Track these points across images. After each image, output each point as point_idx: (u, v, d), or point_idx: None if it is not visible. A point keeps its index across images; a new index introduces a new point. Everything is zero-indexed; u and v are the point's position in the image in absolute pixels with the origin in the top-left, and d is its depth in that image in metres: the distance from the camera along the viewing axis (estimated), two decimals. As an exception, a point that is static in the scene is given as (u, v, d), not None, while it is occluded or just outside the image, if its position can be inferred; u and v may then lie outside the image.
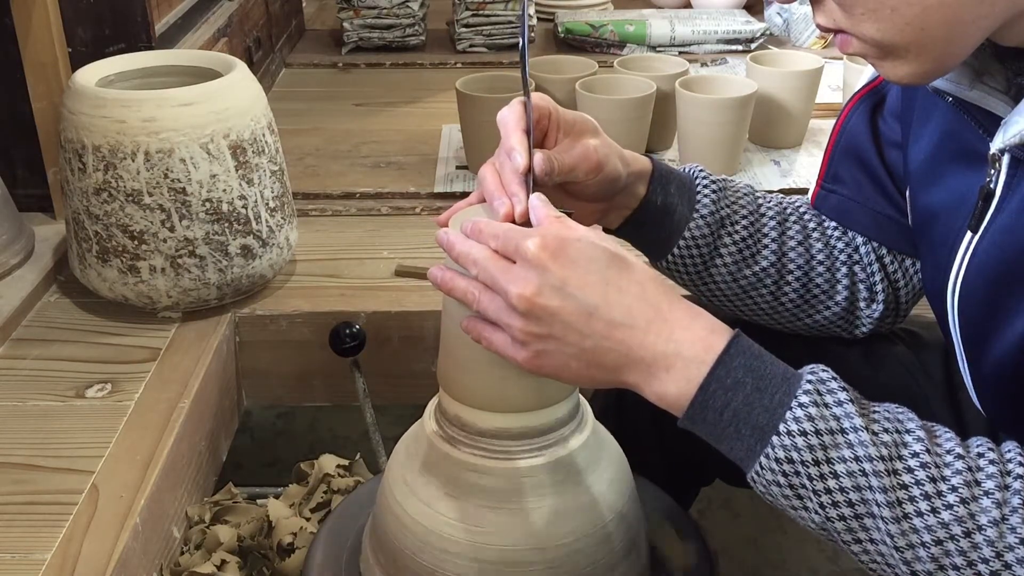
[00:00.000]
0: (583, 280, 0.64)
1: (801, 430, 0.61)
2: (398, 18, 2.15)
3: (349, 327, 1.17)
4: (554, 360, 0.65)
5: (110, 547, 0.85)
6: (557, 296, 0.63)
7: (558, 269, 0.63)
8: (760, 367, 0.63)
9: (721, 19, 2.17)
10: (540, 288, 0.63)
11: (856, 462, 0.60)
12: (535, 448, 0.75)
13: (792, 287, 0.89)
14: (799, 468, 0.61)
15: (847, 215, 0.90)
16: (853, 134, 0.89)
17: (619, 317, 0.64)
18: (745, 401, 0.62)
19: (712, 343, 0.64)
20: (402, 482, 0.78)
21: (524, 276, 0.64)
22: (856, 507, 0.61)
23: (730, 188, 0.89)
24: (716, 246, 0.86)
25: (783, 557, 1.50)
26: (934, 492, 0.59)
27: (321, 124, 1.79)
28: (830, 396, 0.62)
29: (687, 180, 0.87)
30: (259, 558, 1.01)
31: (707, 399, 0.63)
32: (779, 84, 1.58)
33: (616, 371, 0.65)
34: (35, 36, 1.26)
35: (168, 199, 1.08)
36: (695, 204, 0.86)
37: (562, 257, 0.64)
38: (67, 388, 1.06)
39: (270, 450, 1.69)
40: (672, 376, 0.64)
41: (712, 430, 0.64)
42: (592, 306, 0.64)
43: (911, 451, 0.61)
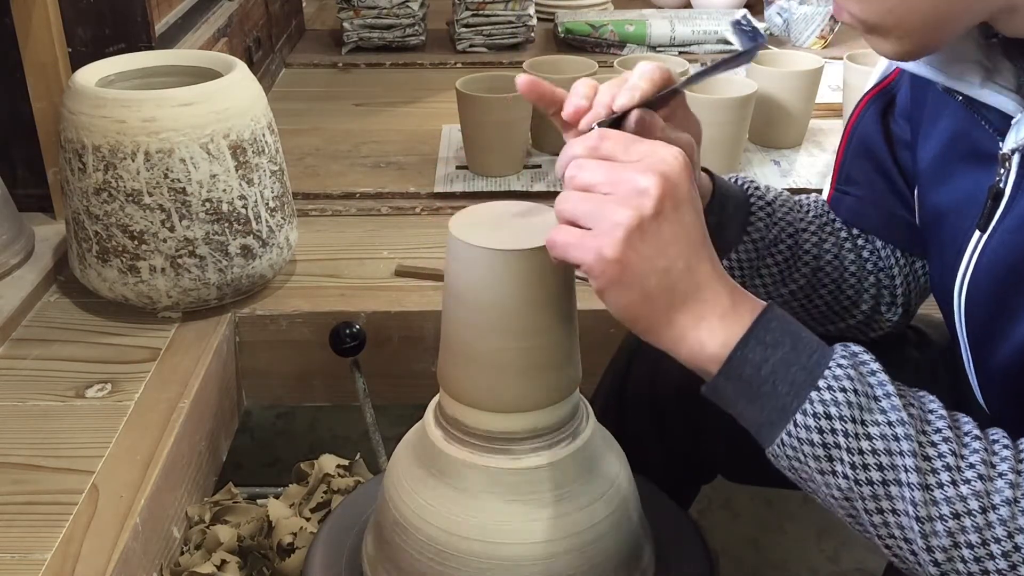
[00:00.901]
0: (697, 207, 0.64)
1: (841, 387, 0.61)
2: (398, 18, 2.15)
3: (349, 327, 1.17)
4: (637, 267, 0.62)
5: (110, 547, 0.85)
6: (683, 205, 0.62)
7: (690, 184, 0.63)
8: (797, 331, 0.64)
9: (721, 19, 2.17)
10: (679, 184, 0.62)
11: (889, 426, 0.61)
12: (536, 448, 0.75)
13: (823, 299, 0.90)
14: (836, 424, 0.61)
15: (861, 217, 0.90)
16: (864, 135, 0.89)
17: (707, 256, 0.64)
18: (784, 358, 0.63)
19: (756, 304, 0.65)
20: (403, 482, 0.78)
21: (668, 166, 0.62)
22: (886, 472, 0.61)
23: (778, 205, 0.88)
24: (757, 267, 0.88)
25: (783, 557, 1.50)
26: (955, 466, 0.60)
27: (321, 124, 1.79)
28: (864, 367, 0.63)
29: (742, 199, 0.86)
30: (259, 558, 1.01)
31: (747, 354, 0.63)
32: (779, 84, 1.58)
33: (679, 304, 0.63)
34: (35, 36, 1.26)
35: (168, 199, 1.08)
36: (747, 227, 0.86)
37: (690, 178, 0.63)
38: (67, 388, 1.06)
39: (270, 450, 1.69)
40: (721, 326, 0.63)
41: (746, 387, 0.63)
42: (699, 230, 0.64)
43: (935, 427, 0.62)
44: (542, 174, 1.53)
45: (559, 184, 0.67)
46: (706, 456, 0.99)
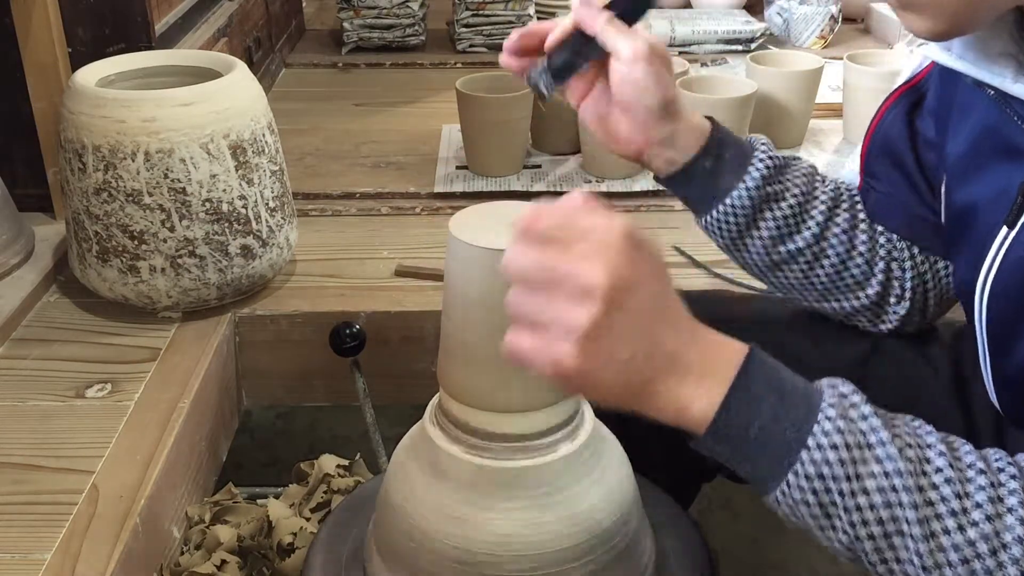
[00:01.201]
0: (655, 281, 0.59)
1: (832, 444, 0.59)
2: (398, 18, 2.15)
3: (349, 327, 1.17)
4: (601, 365, 0.58)
5: (110, 547, 0.85)
6: (632, 292, 0.57)
7: (636, 264, 0.58)
8: (780, 382, 0.61)
9: (721, 19, 2.17)
10: (621, 278, 0.57)
11: (886, 478, 0.58)
12: (536, 448, 0.75)
13: (825, 271, 0.89)
14: (830, 484, 0.59)
15: (882, 212, 0.90)
16: (889, 132, 0.89)
17: (671, 326, 0.60)
18: (771, 415, 0.60)
19: (734, 358, 0.61)
20: (403, 482, 0.78)
21: (609, 259, 0.57)
22: (886, 525, 0.59)
23: (789, 167, 0.89)
24: (755, 219, 0.87)
25: (783, 557, 1.50)
26: (960, 509, 0.58)
27: (321, 124, 1.79)
28: (854, 410, 0.60)
29: (746, 150, 0.87)
30: (259, 558, 1.01)
31: (731, 416, 0.60)
32: (779, 84, 1.58)
33: (651, 383, 0.60)
34: (35, 36, 1.26)
35: (168, 199, 1.08)
36: (743, 175, 0.86)
37: (640, 252, 0.58)
38: (67, 388, 1.05)
39: (270, 450, 1.69)
40: (701, 390, 0.60)
41: (736, 448, 0.61)
42: (657, 309, 0.59)
43: (935, 466, 0.59)
44: (542, 174, 1.53)
45: (559, 184, 0.67)
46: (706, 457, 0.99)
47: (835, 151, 1.64)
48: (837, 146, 1.66)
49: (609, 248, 0.57)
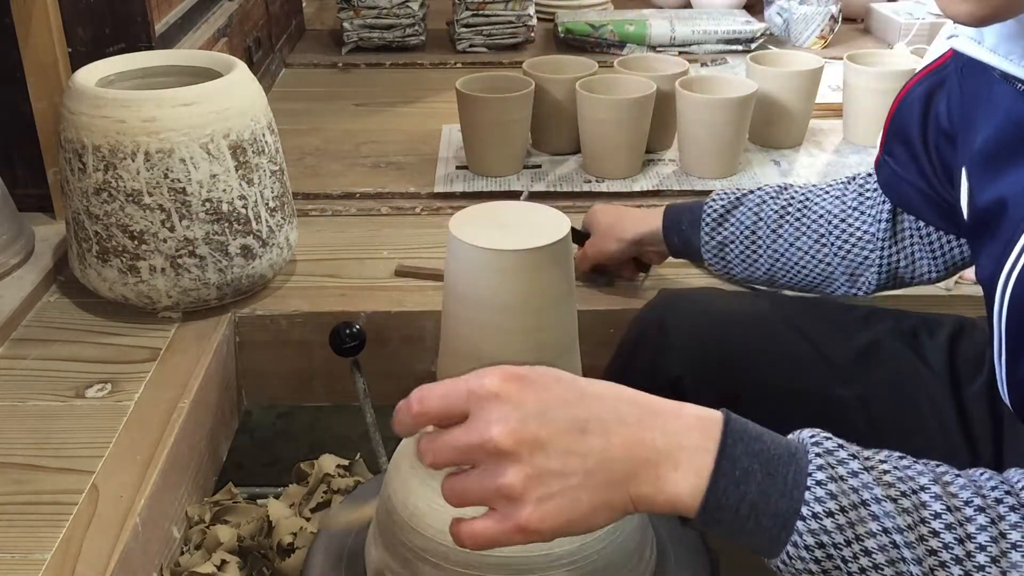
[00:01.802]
0: (560, 396, 0.58)
1: (827, 510, 0.57)
2: (398, 18, 2.14)
3: (349, 327, 1.16)
4: (561, 500, 0.57)
5: (110, 547, 0.85)
6: (542, 422, 0.57)
7: (530, 393, 0.57)
8: (763, 449, 0.59)
9: (721, 19, 2.17)
10: (522, 419, 0.56)
11: (886, 534, 0.57)
12: (535, 448, 0.75)
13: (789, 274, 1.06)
14: (831, 552, 0.58)
15: (892, 189, 0.96)
16: (906, 114, 0.91)
17: (611, 420, 0.58)
18: (759, 490, 0.58)
19: (708, 428, 0.59)
20: (404, 482, 0.78)
21: (496, 414, 0.56)
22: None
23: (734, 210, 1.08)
24: (727, 260, 1.09)
25: (783, 557, 1.49)
26: (964, 554, 0.57)
27: (321, 124, 1.79)
28: (842, 467, 0.59)
29: (697, 212, 1.09)
30: (259, 558, 1.01)
31: (719, 496, 0.58)
32: (779, 84, 1.58)
33: (626, 483, 0.58)
34: (35, 36, 1.26)
35: (168, 199, 1.08)
36: (699, 230, 1.09)
37: (527, 382, 0.58)
38: (67, 388, 1.05)
39: (270, 450, 1.69)
40: (681, 473, 0.58)
41: (730, 527, 0.59)
42: (582, 420, 0.57)
43: (932, 511, 0.58)
44: (542, 174, 1.53)
45: (559, 184, 0.67)
46: None
47: (835, 151, 1.64)
48: (837, 146, 1.66)
49: (493, 403, 0.56)
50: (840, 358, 0.93)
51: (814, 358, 0.95)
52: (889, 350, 0.94)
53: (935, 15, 2.17)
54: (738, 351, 0.95)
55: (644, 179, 1.52)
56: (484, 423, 0.56)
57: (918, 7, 2.24)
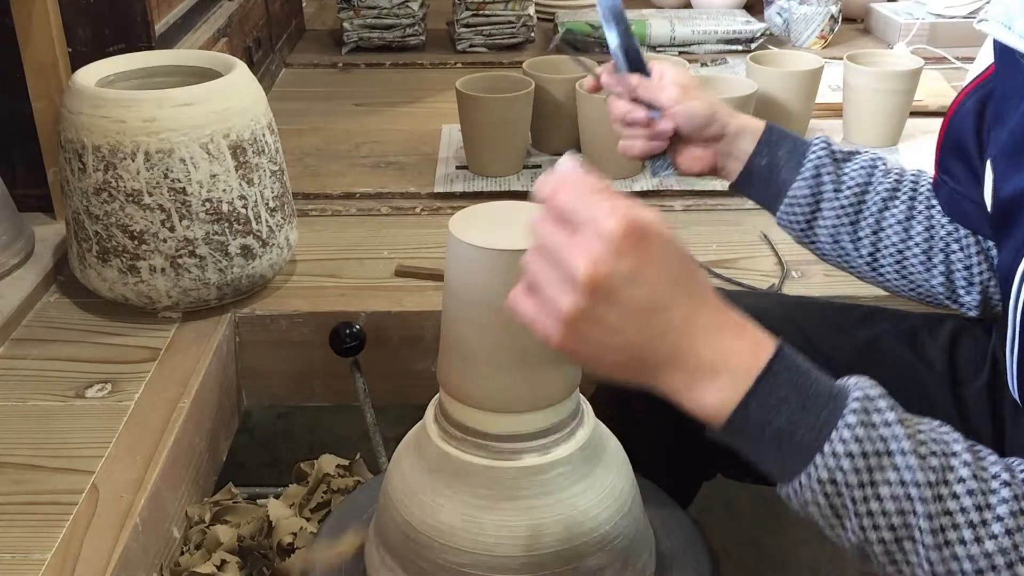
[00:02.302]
0: (657, 275, 0.59)
1: (847, 452, 0.58)
2: (398, 18, 2.15)
3: (349, 327, 1.17)
4: (592, 348, 0.60)
5: (110, 547, 0.85)
6: (628, 284, 0.58)
7: (636, 257, 0.58)
8: (805, 384, 0.60)
9: (721, 19, 2.17)
10: (614, 270, 0.57)
11: (902, 486, 0.58)
12: (536, 448, 0.75)
13: (887, 261, 0.95)
14: (842, 490, 0.59)
15: (954, 208, 0.92)
16: (960, 128, 0.89)
17: (678, 320, 0.59)
18: (789, 420, 0.59)
19: (759, 357, 0.60)
20: (403, 482, 0.78)
21: (597, 252, 0.58)
22: (897, 531, 0.59)
23: (849, 159, 0.96)
24: (817, 209, 0.95)
25: (783, 557, 1.50)
26: (979, 521, 0.57)
27: (321, 124, 1.79)
28: (878, 415, 0.59)
29: (801, 147, 0.96)
30: (259, 558, 1.01)
31: (748, 414, 0.60)
32: (779, 84, 1.58)
33: (656, 371, 0.60)
34: (35, 36, 1.26)
35: (168, 199, 1.08)
36: (799, 170, 0.94)
37: (643, 246, 0.58)
38: (67, 388, 1.05)
39: (270, 450, 1.69)
40: (715, 386, 0.60)
41: (751, 445, 0.61)
42: (658, 304, 0.59)
43: (958, 476, 0.59)
44: (542, 174, 1.53)
45: None
46: (706, 453, 0.99)
47: (835, 151, 1.64)
48: (837, 146, 1.65)
49: (603, 241, 0.57)
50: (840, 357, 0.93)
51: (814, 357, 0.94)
52: (889, 350, 0.94)
53: (935, 15, 2.17)
54: None
55: (644, 179, 1.52)
56: (582, 251, 0.58)
57: (918, 7, 2.24)
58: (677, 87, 0.96)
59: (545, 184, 0.63)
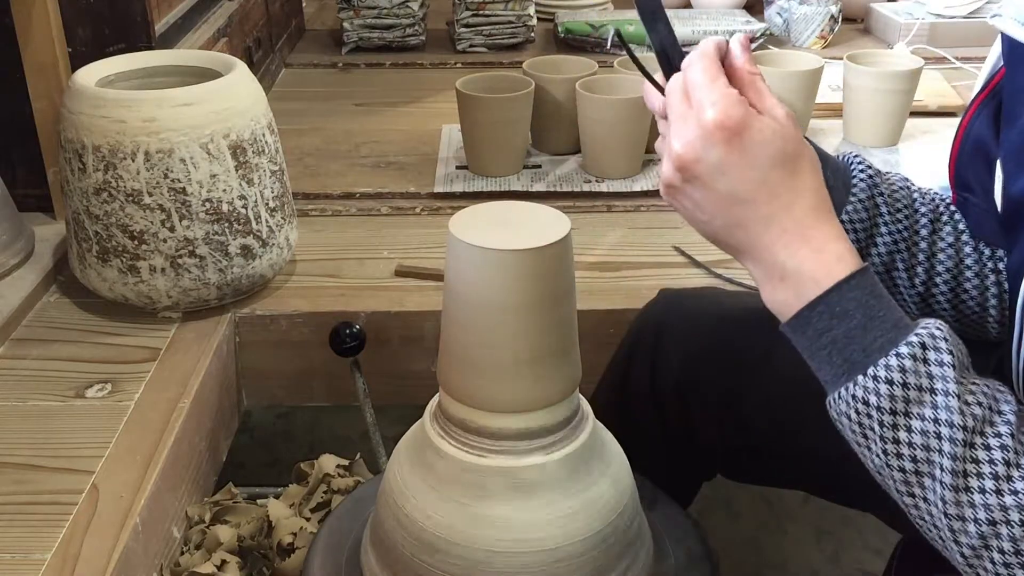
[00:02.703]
0: (742, 173, 0.65)
1: (888, 378, 0.61)
2: (398, 18, 2.15)
3: (349, 327, 1.17)
4: (686, 213, 0.69)
5: (110, 547, 0.85)
6: (711, 174, 0.65)
7: (724, 151, 0.64)
8: (875, 306, 0.63)
9: (721, 19, 2.17)
10: (701, 157, 0.65)
11: (935, 423, 0.60)
12: (536, 448, 0.75)
13: (941, 289, 0.87)
14: (872, 412, 0.61)
15: (982, 227, 0.87)
16: (979, 139, 0.85)
17: (757, 218, 0.65)
18: (847, 334, 0.63)
19: (836, 271, 0.64)
20: (402, 482, 0.78)
21: (691, 138, 0.65)
22: (919, 464, 0.61)
23: (885, 176, 0.88)
24: (872, 234, 0.86)
25: (783, 557, 1.50)
26: (1004, 475, 0.59)
27: (321, 124, 1.79)
28: (934, 353, 0.61)
29: (842, 164, 0.88)
30: (259, 558, 1.01)
31: (811, 318, 0.64)
32: (779, 84, 1.58)
33: (737, 253, 0.68)
34: (35, 36, 1.26)
35: (168, 199, 1.08)
36: (851, 188, 0.85)
37: (734, 141, 0.64)
38: (67, 388, 1.05)
39: (270, 450, 1.69)
40: (784, 287, 0.65)
41: (806, 346, 0.65)
42: (740, 197, 0.65)
43: (996, 431, 0.60)
44: (542, 174, 1.53)
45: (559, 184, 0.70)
46: (706, 454, 0.99)
47: (835, 151, 1.64)
48: (837, 146, 1.66)
49: (699, 128, 0.64)
50: None
51: None
52: None
53: (935, 15, 2.17)
54: (739, 351, 0.95)
55: (644, 179, 1.52)
56: (681, 131, 0.66)
57: (918, 7, 2.24)
58: None
59: (695, 52, 0.69)
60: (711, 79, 0.66)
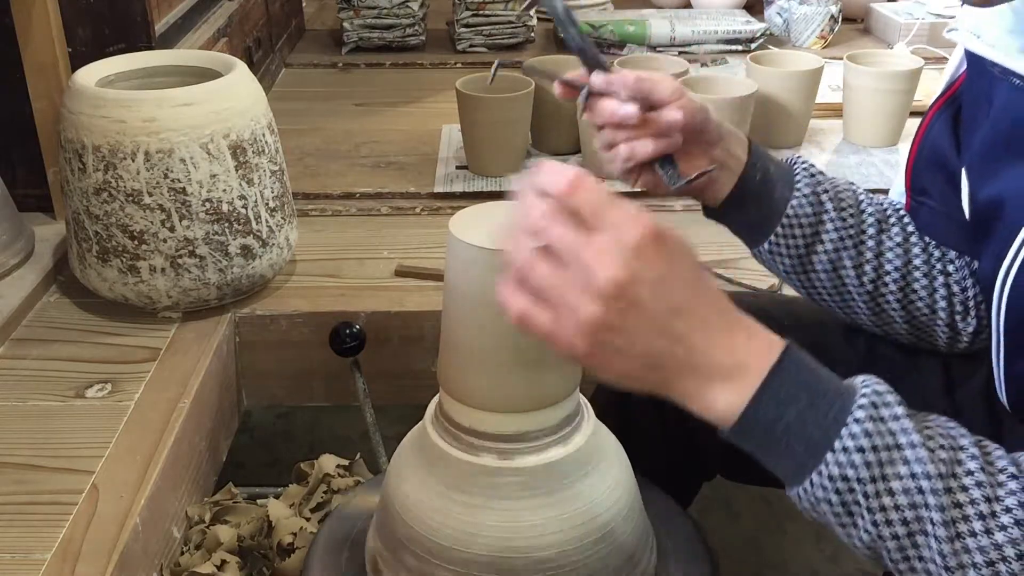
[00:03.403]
0: (679, 278, 0.59)
1: (858, 446, 0.58)
2: (398, 18, 2.15)
3: (349, 327, 1.17)
4: (613, 357, 0.59)
5: (110, 547, 0.85)
6: (651, 290, 0.57)
7: (658, 261, 0.58)
8: (814, 381, 0.61)
9: (721, 19, 2.17)
10: (637, 277, 0.57)
11: (913, 479, 0.58)
12: (536, 448, 0.75)
13: (890, 288, 0.87)
14: (854, 485, 0.59)
15: (935, 229, 0.87)
16: (936, 144, 0.86)
17: (697, 323, 0.59)
18: (798, 416, 0.60)
19: (769, 356, 0.61)
20: (403, 482, 0.78)
21: (620, 259, 0.57)
22: (910, 525, 0.59)
23: (829, 178, 0.88)
24: (818, 230, 0.85)
25: (783, 557, 1.50)
26: (988, 512, 0.58)
27: (321, 124, 1.79)
28: (887, 410, 0.60)
29: (785, 163, 0.88)
30: (259, 558, 1.01)
31: (758, 413, 0.60)
32: (779, 84, 1.58)
33: (673, 377, 0.60)
34: (35, 36, 1.26)
35: (168, 199, 1.08)
36: (794, 184, 0.85)
37: (663, 249, 0.58)
38: (67, 388, 1.05)
39: (270, 450, 1.69)
40: (727, 386, 0.60)
41: (760, 444, 0.61)
42: (679, 308, 0.59)
43: (966, 469, 0.59)
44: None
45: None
46: (705, 454, 0.99)
47: (835, 151, 1.64)
48: (837, 146, 1.66)
49: (629, 248, 0.57)
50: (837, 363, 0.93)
51: None
52: (885, 355, 0.94)
53: (935, 15, 2.17)
54: None
55: (644, 179, 1.52)
56: (605, 256, 0.57)
57: (918, 7, 2.24)
58: (666, 80, 0.85)
59: (558, 178, 0.59)
60: (610, 199, 0.59)
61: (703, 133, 0.85)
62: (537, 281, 0.59)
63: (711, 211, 0.89)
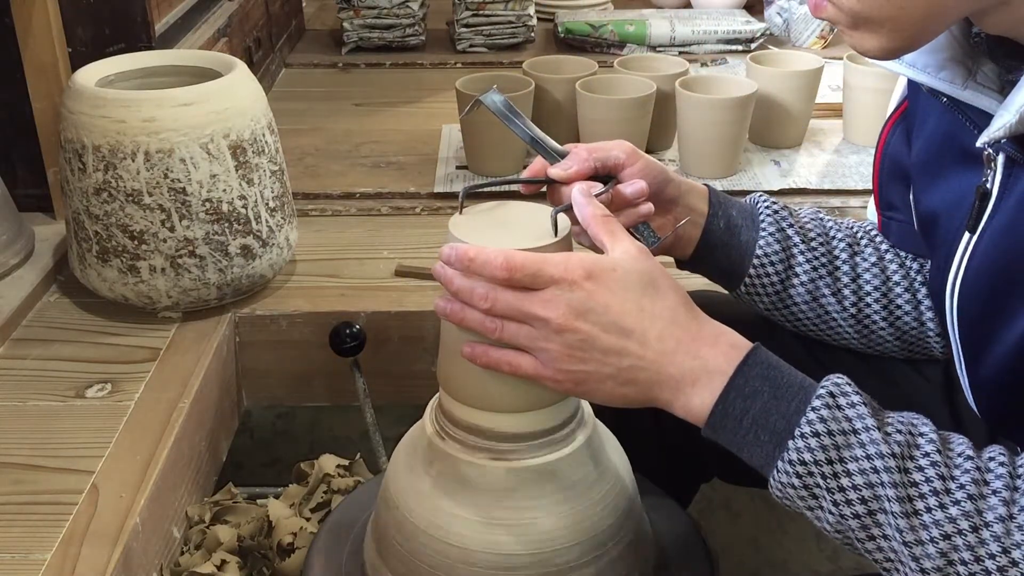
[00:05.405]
0: (621, 307, 0.66)
1: (814, 431, 0.63)
2: (398, 18, 2.15)
3: (349, 327, 1.17)
4: (590, 380, 0.68)
5: (110, 547, 0.85)
6: (598, 318, 0.66)
7: (600, 293, 0.66)
8: (777, 376, 0.66)
9: (721, 19, 2.17)
10: (582, 310, 0.66)
11: (868, 460, 0.62)
12: (536, 448, 0.75)
13: (874, 308, 0.89)
14: (812, 469, 0.63)
15: (908, 241, 0.88)
16: (895, 158, 0.87)
17: (653, 341, 0.66)
18: (763, 408, 0.65)
19: (734, 356, 0.66)
20: (402, 482, 0.78)
21: (563, 300, 0.66)
22: (869, 503, 0.62)
23: (793, 211, 0.90)
24: (790, 264, 0.88)
25: (783, 557, 1.50)
26: (943, 489, 0.61)
27: (321, 124, 1.79)
28: (844, 398, 0.64)
29: (748, 204, 0.90)
30: (259, 558, 1.01)
31: (727, 408, 0.65)
32: (779, 84, 1.58)
33: (648, 388, 0.67)
34: (35, 36, 1.26)
35: (168, 199, 1.08)
36: (759, 224, 0.87)
37: (601, 283, 0.66)
38: (67, 388, 1.06)
39: (270, 450, 1.69)
40: (697, 389, 0.66)
41: (733, 438, 0.66)
42: (628, 331, 0.66)
43: (923, 451, 0.62)
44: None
45: None
46: (702, 457, 0.99)
47: (835, 151, 1.64)
48: (837, 146, 1.66)
49: (568, 291, 0.66)
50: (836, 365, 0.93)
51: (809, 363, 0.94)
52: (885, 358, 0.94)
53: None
54: None
55: (644, 179, 1.52)
56: (550, 304, 0.66)
57: (918, 7, 2.23)
58: (621, 144, 0.84)
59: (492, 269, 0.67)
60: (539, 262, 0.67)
61: (665, 191, 0.86)
62: (510, 340, 0.68)
63: (683, 263, 0.90)
